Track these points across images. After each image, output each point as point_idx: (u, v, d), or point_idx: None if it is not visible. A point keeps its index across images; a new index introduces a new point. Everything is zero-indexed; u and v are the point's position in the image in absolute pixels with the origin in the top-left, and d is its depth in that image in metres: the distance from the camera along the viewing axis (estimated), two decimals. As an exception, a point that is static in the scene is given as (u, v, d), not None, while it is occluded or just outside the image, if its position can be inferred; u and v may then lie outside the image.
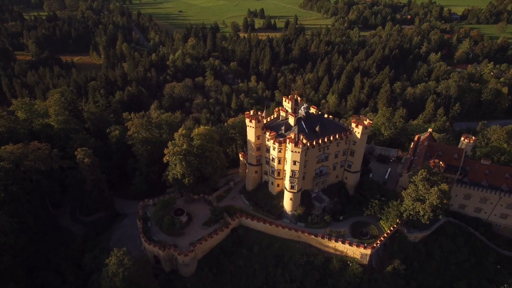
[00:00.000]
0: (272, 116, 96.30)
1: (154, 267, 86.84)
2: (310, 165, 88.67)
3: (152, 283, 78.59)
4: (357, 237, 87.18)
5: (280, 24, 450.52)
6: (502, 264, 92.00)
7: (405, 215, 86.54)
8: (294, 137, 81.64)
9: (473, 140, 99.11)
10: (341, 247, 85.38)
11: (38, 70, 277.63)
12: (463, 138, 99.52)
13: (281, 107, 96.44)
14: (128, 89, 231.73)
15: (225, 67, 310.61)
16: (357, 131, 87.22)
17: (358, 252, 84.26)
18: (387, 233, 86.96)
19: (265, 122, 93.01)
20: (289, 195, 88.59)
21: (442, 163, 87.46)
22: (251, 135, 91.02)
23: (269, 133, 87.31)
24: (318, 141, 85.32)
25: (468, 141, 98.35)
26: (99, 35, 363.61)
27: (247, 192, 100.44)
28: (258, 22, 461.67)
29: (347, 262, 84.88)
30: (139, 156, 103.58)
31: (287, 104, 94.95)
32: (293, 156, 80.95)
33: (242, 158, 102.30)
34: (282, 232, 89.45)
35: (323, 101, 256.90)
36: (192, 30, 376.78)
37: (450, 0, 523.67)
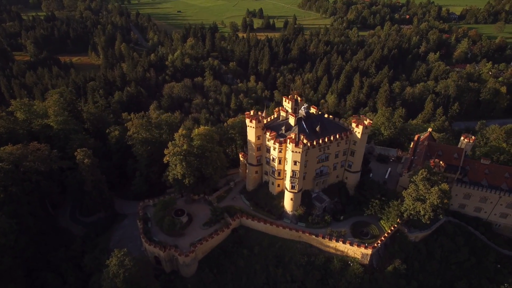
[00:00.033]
0: (272, 116, 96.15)
1: (155, 268, 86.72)
2: (311, 165, 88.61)
3: (153, 284, 78.32)
4: (358, 237, 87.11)
5: (279, 24, 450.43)
6: (502, 264, 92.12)
7: (406, 215, 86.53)
8: (295, 137, 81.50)
9: (473, 140, 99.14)
10: (342, 247, 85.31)
11: (37, 71, 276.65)
12: (463, 138, 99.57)
13: (281, 107, 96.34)
14: (127, 90, 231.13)
15: (224, 67, 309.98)
16: (358, 131, 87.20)
17: (359, 252, 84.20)
18: (388, 233, 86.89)
19: (265, 122, 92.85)
20: (290, 195, 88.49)
21: (442, 163, 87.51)
22: (252, 135, 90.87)
23: (270, 133, 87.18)
24: (319, 141, 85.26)
25: (468, 141, 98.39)
26: (98, 35, 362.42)
27: (248, 192, 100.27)
28: (257, 22, 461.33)
29: (348, 262, 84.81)
30: (139, 157, 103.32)
31: (287, 104, 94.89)
32: (294, 156, 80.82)
33: (242, 158, 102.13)
34: (283, 232, 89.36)
35: (322, 101, 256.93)
36: (191, 30, 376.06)
37: (448, 0, 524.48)
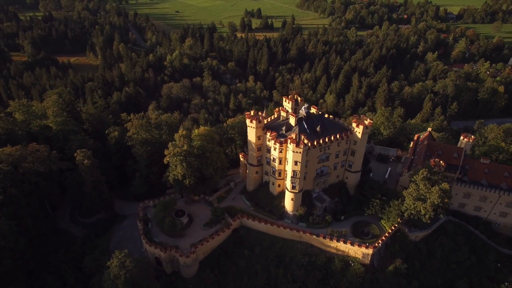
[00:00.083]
0: (273, 116, 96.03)
1: (155, 269, 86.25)
2: (311, 165, 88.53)
3: (154, 285, 78.20)
4: (359, 237, 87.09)
5: (277, 24, 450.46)
6: (502, 263, 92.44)
7: (406, 215, 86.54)
8: (295, 137, 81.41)
9: (473, 139, 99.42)
10: (343, 247, 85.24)
11: (35, 71, 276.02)
12: (463, 137, 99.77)
13: (281, 107, 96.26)
14: (126, 90, 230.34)
15: (223, 67, 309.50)
16: (358, 131, 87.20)
17: (360, 252, 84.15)
18: (389, 233, 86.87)
19: (266, 123, 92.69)
20: (291, 196, 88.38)
21: (443, 162, 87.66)
22: (252, 136, 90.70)
23: (270, 134, 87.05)
24: (319, 141, 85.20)
25: (468, 140, 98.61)
26: (96, 36, 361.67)
27: (248, 193, 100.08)
28: (255, 22, 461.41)
29: (349, 262, 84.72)
30: (139, 157, 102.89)
31: (287, 104, 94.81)
32: (295, 157, 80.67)
33: (243, 159, 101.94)
34: (284, 233, 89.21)
35: (321, 101, 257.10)
36: (189, 30, 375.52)
37: (446, 0, 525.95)
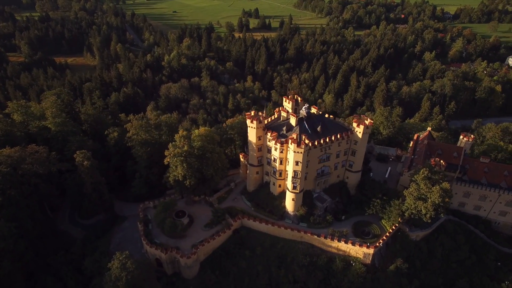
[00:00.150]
0: (273, 117, 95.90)
1: (156, 270, 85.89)
2: (312, 165, 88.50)
3: (155, 287, 77.85)
4: (360, 237, 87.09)
5: (275, 24, 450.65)
6: (503, 261, 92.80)
7: (407, 214, 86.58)
8: (296, 138, 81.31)
9: (472, 139, 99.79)
10: (344, 247, 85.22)
11: (32, 72, 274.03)
12: (462, 137, 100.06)
13: (282, 107, 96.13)
14: (124, 90, 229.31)
15: (221, 68, 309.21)
16: (359, 131, 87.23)
17: (361, 252, 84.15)
18: (389, 232, 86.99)
19: (266, 123, 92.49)
20: (291, 196, 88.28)
21: (443, 162, 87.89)
22: (252, 136, 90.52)
23: (271, 134, 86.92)
24: (320, 141, 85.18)
25: (467, 140, 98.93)
26: (93, 36, 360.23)
27: (248, 193, 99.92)
28: (253, 22, 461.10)
29: (350, 262, 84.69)
30: (139, 158, 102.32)
31: (288, 105, 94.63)
32: (296, 157, 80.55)
33: (243, 159, 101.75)
34: (285, 233, 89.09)
35: (320, 101, 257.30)
36: (187, 31, 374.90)
37: (443, 0, 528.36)
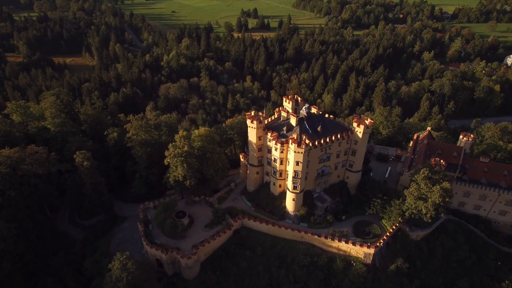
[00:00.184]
0: (273, 117, 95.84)
1: (157, 271, 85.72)
2: (312, 165, 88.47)
3: (156, 287, 77.61)
4: (360, 237, 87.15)
5: (274, 24, 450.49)
6: (502, 261, 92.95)
7: (408, 214, 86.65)
8: (297, 138, 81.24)
9: (472, 138, 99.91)
10: (345, 247, 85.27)
11: (30, 72, 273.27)
12: (462, 136, 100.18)
13: (282, 107, 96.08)
14: (123, 91, 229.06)
15: (220, 68, 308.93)
16: (359, 131, 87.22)
17: (362, 252, 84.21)
18: (390, 232, 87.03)
19: (266, 123, 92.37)
20: (292, 196, 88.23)
21: (443, 162, 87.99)
22: (253, 136, 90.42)
23: (271, 134, 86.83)
24: (320, 141, 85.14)
25: (467, 139, 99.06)
26: (92, 36, 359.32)
27: (249, 193, 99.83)
28: (252, 22, 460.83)
29: (351, 262, 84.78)
30: (138, 159, 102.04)
31: (288, 105, 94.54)
32: (296, 157, 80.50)
33: (243, 159, 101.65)
34: (285, 233, 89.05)
35: (319, 101, 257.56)
36: (186, 31, 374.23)
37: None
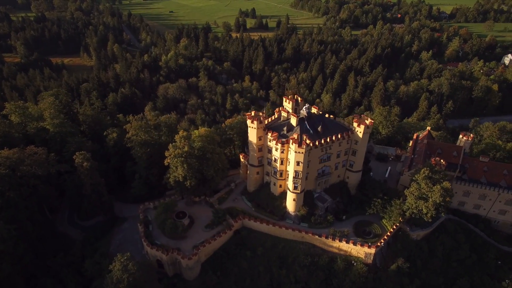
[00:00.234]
0: (273, 117, 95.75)
1: (157, 271, 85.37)
2: (313, 165, 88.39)
3: (157, 288, 77.48)
4: (361, 237, 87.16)
5: (272, 24, 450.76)
6: (503, 260, 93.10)
7: (408, 214, 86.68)
8: (297, 138, 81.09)
9: (471, 138, 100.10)
10: (345, 247, 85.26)
11: (28, 72, 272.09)
12: (461, 136, 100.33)
13: (282, 107, 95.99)
14: (122, 91, 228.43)
15: (219, 68, 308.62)
16: (359, 131, 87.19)
17: (362, 252, 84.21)
18: (390, 232, 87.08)
19: (266, 123, 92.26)
20: (292, 196, 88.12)
21: (443, 161, 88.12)
22: (253, 136, 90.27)
23: (271, 134, 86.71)
24: (321, 141, 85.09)
25: (467, 139, 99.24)
26: (90, 36, 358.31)
27: (249, 193, 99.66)
28: (250, 22, 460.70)
29: (352, 262, 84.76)
30: (138, 159, 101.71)
31: (288, 105, 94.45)
32: (297, 157, 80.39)
33: (243, 159, 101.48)
34: (286, 233, 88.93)
35: (318, 100, 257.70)
36: (184, 31, 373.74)
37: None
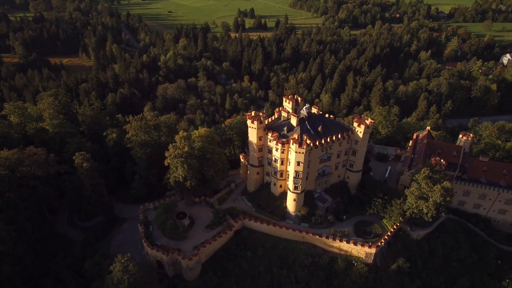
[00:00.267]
0: (274, 117, 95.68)
1: (158, 272, 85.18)
2: (313, 166, 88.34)
3: (157, 289, 77.31)
4: (361, 236, 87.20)
5: (271, 24, 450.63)
6: (503, 259, 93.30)
7: (409, 213, 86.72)
8: (298, 138, 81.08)
9: (471, 138, 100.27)
10: (346, 247, 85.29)
11: (27, 73, 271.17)
12: (461, 136, 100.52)
13: (282, 108, 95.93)
14: (121, 91, 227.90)
15: (217, 68, 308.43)
16: (359, 131, 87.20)
17: (363, 252, 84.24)
18: (391, 232, 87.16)
19: (266, 123, 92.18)
20: (293, 196, 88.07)
21: (444, 161, 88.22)
22: (253, 136, 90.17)
23: (272, 134, 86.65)
24: (321, 141, 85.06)
25: (466, 139, 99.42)
26: (88, 37, 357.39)
27: (249, 194, 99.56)
28: (249, 22, 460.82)
29: (352, 262, 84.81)
30: (138, 159, 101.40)
31: (288, 105, 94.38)
32: (297, 157, 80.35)
33: (243, 159, 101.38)
34: (286, 233, 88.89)
35: (317, 100, 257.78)
36: (183, 31, 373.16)
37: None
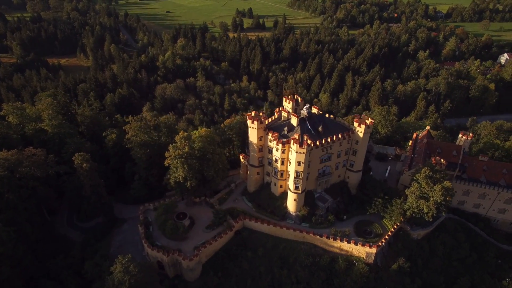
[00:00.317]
0: (274, 117, 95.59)
1: (158, 273, 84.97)
2: (314, 166, 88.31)
3: (158, 290, 77.11)
4: (362, 236, 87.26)
5: (269, 24, 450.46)
6: (503, 259, 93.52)
7: (409, 213, 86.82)
8: (298, 138, 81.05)
9: (471, 137, 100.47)
10: (346, 247, 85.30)
11: (24, 73, 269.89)
12: (461, 135, 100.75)
13: (282, 108, 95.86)
14: (119, 91, 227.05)
15: (216, 68, 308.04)
16: (360, 130, 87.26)
17: (364, 251, 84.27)
18: (391, 231, 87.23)
19: (267, 123, 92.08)
20: (293, 196, 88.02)
21: (444, 161, 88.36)
22: (253, 137, 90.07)
23: (272, 134, 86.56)
24: (322, 141, 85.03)
25: (466, 138, 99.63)
26: (86, 37, 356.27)
27: (249, 194, 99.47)
28: (247, 22, 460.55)
29: (353, 262, 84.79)
30: (138, 160, 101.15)
31: (288, 105, 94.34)
32: (298, 157, 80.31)
33: (243, 160, 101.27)
34: (287, 233, 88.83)
35: (315, 100, 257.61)
36: (181, 31, 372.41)
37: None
